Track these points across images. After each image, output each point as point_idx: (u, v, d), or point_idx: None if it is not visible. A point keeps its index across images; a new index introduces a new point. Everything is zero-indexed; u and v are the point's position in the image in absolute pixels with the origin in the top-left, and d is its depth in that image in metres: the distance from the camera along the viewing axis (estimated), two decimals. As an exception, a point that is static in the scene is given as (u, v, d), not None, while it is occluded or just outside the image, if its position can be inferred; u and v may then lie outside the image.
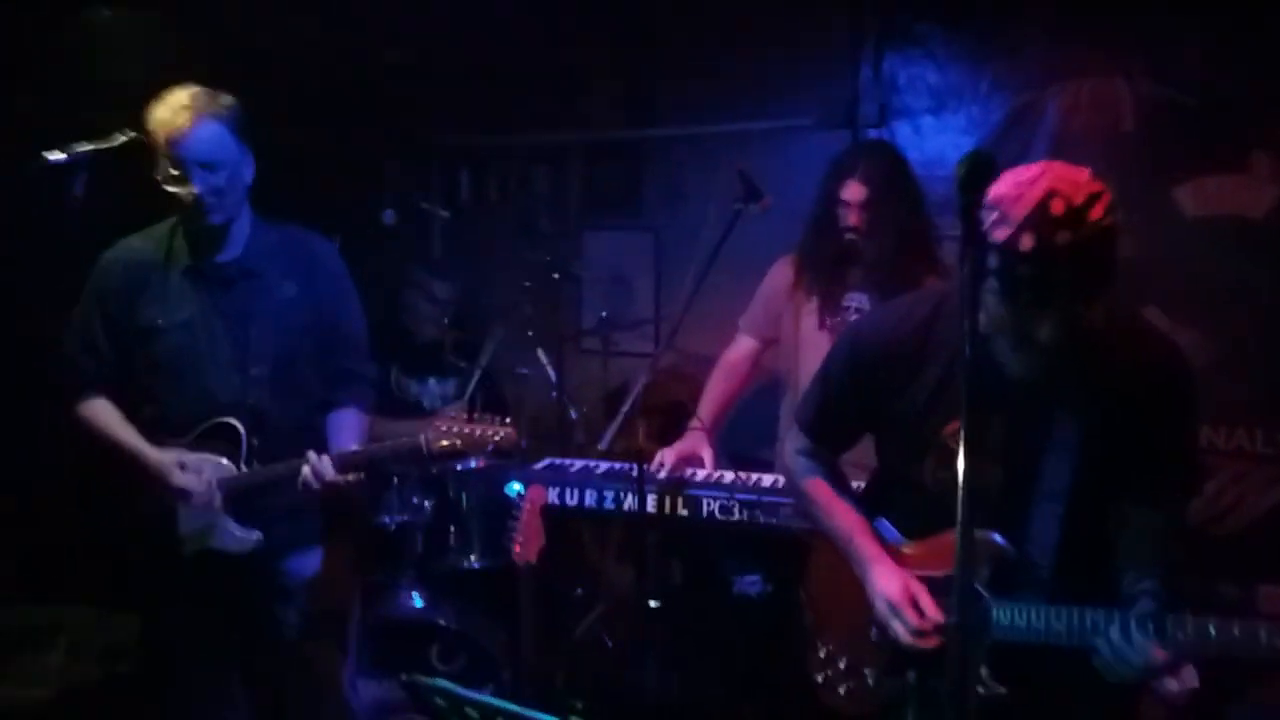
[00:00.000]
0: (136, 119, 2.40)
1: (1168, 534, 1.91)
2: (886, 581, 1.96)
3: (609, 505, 3.03)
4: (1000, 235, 1.65)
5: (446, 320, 3.96)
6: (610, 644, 3.42)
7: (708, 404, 3.23)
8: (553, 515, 2.81)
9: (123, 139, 2.41)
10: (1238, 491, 3.49)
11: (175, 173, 2.32)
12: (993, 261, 1.67)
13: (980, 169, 1.46)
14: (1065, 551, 1.88)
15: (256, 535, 2.44)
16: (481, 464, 3.53)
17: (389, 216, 4.03)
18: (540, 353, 3.94)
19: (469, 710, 1.55)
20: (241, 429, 2.42)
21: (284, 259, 2.49)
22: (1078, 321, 1.70)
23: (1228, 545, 3.44)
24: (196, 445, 2.43)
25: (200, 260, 2.45)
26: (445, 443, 2.39)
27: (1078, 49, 3.64)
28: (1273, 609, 3.39)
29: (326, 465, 2.36)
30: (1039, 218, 1.63)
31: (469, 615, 3.31)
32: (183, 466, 2.39)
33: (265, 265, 2.47)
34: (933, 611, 1.92)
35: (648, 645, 3.16)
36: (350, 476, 2.40)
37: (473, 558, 3.50)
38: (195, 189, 2.31)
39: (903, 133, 3.91)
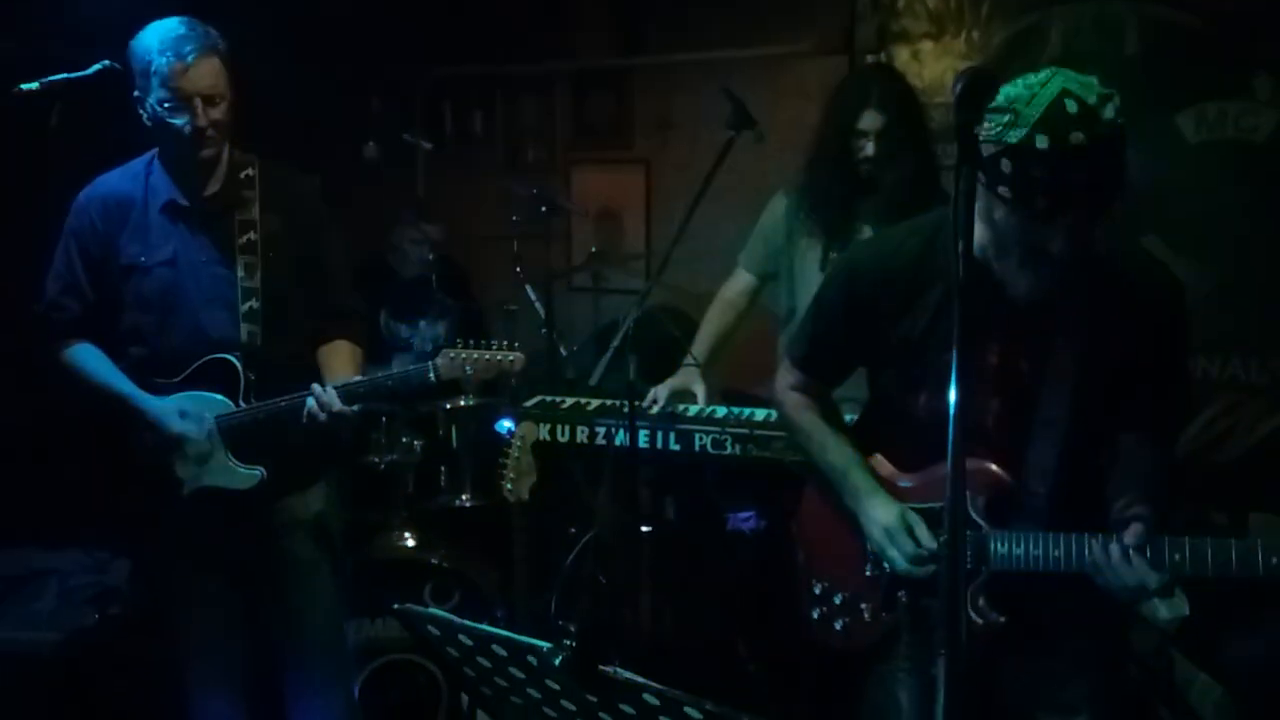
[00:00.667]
0: (114, 50, 2.33)
1: (1159, 462, 1.91)
2: (883, 512, 1.95)
3: (600, 441, 3.01)
4: (1014, 137, 1.62)
5: (432, 256, 3.91)
6: (604, 580, 3.43)
7: (703, 340, 3.19)
8: (544, 452, 2.79)
9: (98, 68, 2.34)
10: (1230, 420, 3.51)
11: (172, 105, 2.26)
12: (1005, 166, 1.63)
13: (979, 86, 1.40)
14: (1062, 479, 1.88)
15: (259, 471, 2.41)
16: (473, 401, 3.50)
17: (371, 150, 3.95)
18: (529, 289, 3.90)
19: (462, 638, 1.55)
20: (238, 365, 2.39)
21: (265, 192, 2.44)
22: (1087, 236, 1.67)
23: (1220, 474, 3.48)
24: (188, 384, 2.40)
25: (182, 196, 2.41)
26: (454, 370, 2.36)
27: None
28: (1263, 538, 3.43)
29: (332, 396, 2.33)
30: (1053, 116, 1.60)
31: (461, 554, 3.30)
32: (182, 414, 2.36)
33: (247, 199, 2.42)
34: (929, 541, 1.92)
35: (641, 581, 3.16)
36: (356, 407, 2.37)
37: (464, 496, 3.50)
38: (199, 122, 2.27)
39: (901, 58, 3.83)
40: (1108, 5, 3.54)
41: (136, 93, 2.30)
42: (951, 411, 1.33)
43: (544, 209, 3.86)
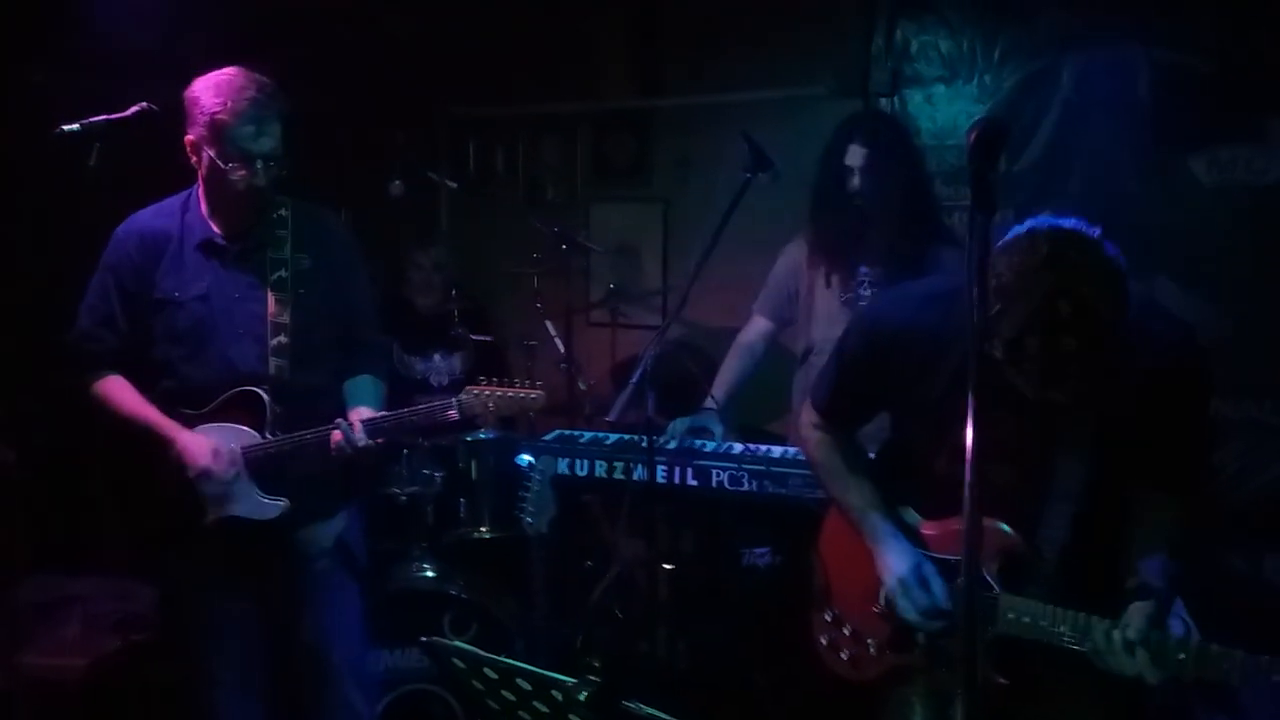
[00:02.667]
0: (149, 88, 2.39)
1: (1180, 518, 1.90)
2: (899, 560, 1.97)
3: (619, 476, 3.04)
4: (1004, 330, 1.62)
5: (454, 291, 3.97)
6: (620, 615, 3.44)
7: (721, 383, 3.24)
8: (563, 486, 2.82)
9: (136, 110, 2.41)
10: (1246, 462, 3.49)
11: (235, 164, 2.32)
12: (997, 348, 1.65)
13: (991, 136, 1.42)
14: (1075, 549, 1.88)
15: (283, 502, 2.45)
16: (492, 434, 3.54)
17: (396, 188, 4.02)
18: (548, 324, 3.94)
19: (487, 671, 1.57)
20: (266, 397, 2.43)
21: (297, 232, 2.50)
22: (1088, 382, 1.69)
23: (1236, 516, 3.45)
24: (214, 415, 2.45)
25: (218, 234, 2.47)
26: (478, 407, 2.42)
27: (1092, 16, 3.60)
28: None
29: (357, 430, 2.38)
30: (1045, 321, 1.60)
31: (480, 585, 3.32)
32: (215, 453, 2.40)
33: (280, 238, 2.49)
34: (943, 596, 1.93)
35: (658, 615, 3.18)
36: (380, 440, 2.42)
37: (483, 529, 3.51)
38: (258, 182, 2.34)
39: (914, 101, 3.88)
40: (1120, 48, 3.56)
41: (192, 137, 2.35)
42: (968, 455, 1.34)
43: (564, 246, 3.91)
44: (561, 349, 3.87)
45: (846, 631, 2.12)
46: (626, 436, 3.13)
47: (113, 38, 3.73)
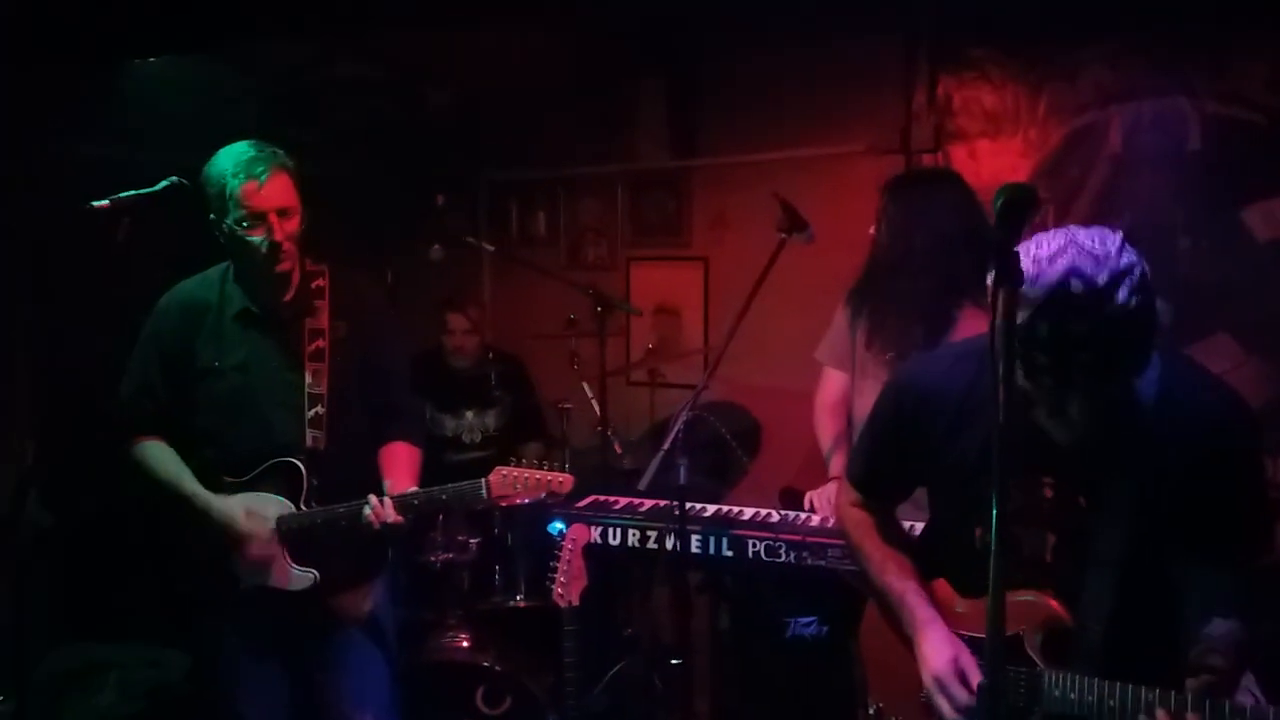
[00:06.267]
0: (186, 161, 2.44)
1: (1237, 593, 1.79)
2: (935, 652, 1.87)
3: (652, 545, 2.96)
4: (1017, 318, 1.54)
5: (490, 354, 3.95)
6: (659, 685, 3.35)
7: (831, 450, 3.11)
8: (596, 554, 2.75)
9: (165, 185, 2.44)
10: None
11: (249, 223, 2.37)
12: (1019, 357, 1.58)
13: (1018, 202, 1.38)
14: (1120, 619, 1.78)
15: (312, 575, 2.45)
16: (527, 501, 3.49)
17: (436, 252, 4.04)
18: (585, 386, 3.91)
19: None
20: (302, 468, 2.44)
21: (335, 299, 2.52)
22: (1109, 398, 1.62)
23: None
24: (254, 484, 2.46)
25: (256, 305, 2.50)
26: (505, 488, 2.41)
27: (1137, 70, 3.52)
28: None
29: (388, 507, 2.38)
30: (1055, 302, 1.55)
31: (515, 656, 3.26)
32: (248, 514, 2.42)
33: (317, 308, 2.51)
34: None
35: (695, 686, 3.08)
36: (410, 517, 2.41)
37: (518, 597, 3.47)
38: (275, 236, 2.37)
39: (958, 157, 3.81)
40: (1169, 101, 3.48)
41: (212, 215, 2.41)
42: (993, 546, 1.29)
43: (599, 308, 3.89)
44: (598, 411, 3.82)
45: None
46: (661, 503, 3.06)
47: (153, 113, 3.82)
